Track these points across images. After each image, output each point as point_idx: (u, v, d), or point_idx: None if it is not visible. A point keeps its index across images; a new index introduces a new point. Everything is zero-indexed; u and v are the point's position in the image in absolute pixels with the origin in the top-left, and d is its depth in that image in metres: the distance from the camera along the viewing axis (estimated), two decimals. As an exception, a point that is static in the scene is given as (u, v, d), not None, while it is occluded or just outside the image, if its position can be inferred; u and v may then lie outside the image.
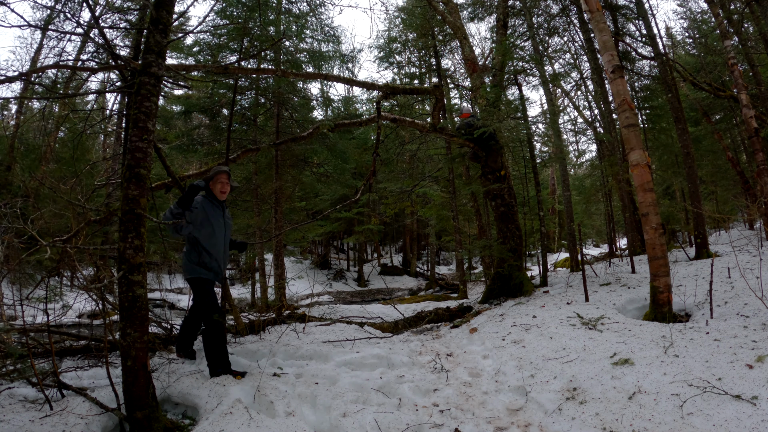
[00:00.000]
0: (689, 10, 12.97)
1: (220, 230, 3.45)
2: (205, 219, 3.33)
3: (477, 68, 7.47)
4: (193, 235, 3.33)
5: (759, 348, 2.80)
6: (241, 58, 5.99)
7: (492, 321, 5.22)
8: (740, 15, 7.92)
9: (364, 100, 14.10)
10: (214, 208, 3.42)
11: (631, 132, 4.43)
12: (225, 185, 3.46)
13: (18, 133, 9.93)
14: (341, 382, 3.22)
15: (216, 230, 3.41)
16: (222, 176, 3.45)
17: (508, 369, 3.45)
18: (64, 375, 3.16)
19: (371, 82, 6.44)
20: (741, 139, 12.52)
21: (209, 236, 3.38)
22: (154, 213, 3.99)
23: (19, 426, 2.31)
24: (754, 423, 2.07)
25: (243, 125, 8.45)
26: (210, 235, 3.39)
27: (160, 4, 2.58)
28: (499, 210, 6.89)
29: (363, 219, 16.46)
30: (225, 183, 3.46)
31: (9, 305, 5.18)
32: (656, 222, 4.24)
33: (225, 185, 3.46)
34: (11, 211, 3.48)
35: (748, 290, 4.09)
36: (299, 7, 7.25)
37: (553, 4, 9.98)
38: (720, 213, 11.97)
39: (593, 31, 6.37)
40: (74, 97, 8.15)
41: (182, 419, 2.82)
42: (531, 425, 2.58)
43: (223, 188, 3.45)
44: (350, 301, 12.86)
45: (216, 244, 3.43)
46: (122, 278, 2.36)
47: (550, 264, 12.56)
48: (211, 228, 3.38)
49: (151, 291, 10.60)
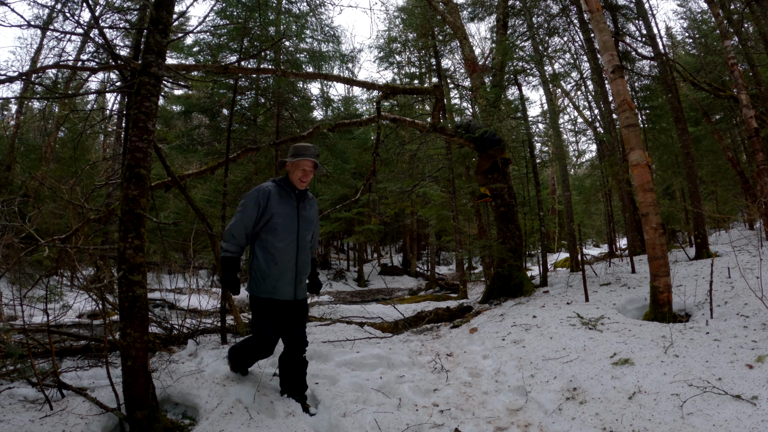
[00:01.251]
0: (689, 10, 12.97)
1: (290, 229, 2.67)
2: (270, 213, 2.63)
3: (477, 68, 7.47)
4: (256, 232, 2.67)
5: (759, 348, 2.80)
6: (241, 58, 6.00)
7: (492, 321, 5.22)
8: (740, 15, 7.92)
9: (364, 100, 14.12)
10: (285, 198, 2.70)
11: (631, 132, 4.43)
12: (308, 174, 2.72)
13: (18, 133, 9.92)
14: (341, 381, 3.22)
15: (283, 229, 2.65)
16: (306, 163, 2.69)
17: (508, 369, 3.45)
18: (64, 375, 3.16)
19: (371, 82, 6.44)
20: (741, 139, 12.51)
21: (271, 236, 2.64)
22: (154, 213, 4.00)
23: (19, 426, 2.31)
24: (754, 423, 2.07)
25: (243, 125, 8.46)
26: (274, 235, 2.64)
27: (160, 4, 2.58)
28: (499, 210, 6.89)
29: (363, 219, 16.46)
30: (308, 171, 2.72)
31: (9, 305, 5.18)
32: (656, 222, 4.24)
33: (308, 174, 2.72)
34: (9, 210, 3.48)
35: (748, 290, 4.09)
36: (299, 7, 7.26)
37: (553, 4, 9.98)
38: (720, 213, 11.97)
39: (593, 31, 6.38)
40: (74, 97, 8.15)
41: (182, 419, 2.82)
42: (531, 425, 2.58)
43: (304, 177, 2.71)
44: (350, 301, 12.85)
45: (283, 248, 2.65)
46: (122, 278, 2.36)
47: (550, 264, 12.55)
48: (277, 226, 2.63)
49: (151, 291, 10.59)
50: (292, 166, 2.72)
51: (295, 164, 2.70)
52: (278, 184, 2.75)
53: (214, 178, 8.64)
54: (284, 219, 2.65)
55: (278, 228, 2.64)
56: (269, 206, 2.63)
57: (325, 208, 13.51)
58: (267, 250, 2.64)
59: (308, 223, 2.76)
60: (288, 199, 2.71)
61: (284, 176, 2.79)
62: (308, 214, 2.78)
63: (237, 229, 2.61)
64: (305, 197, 2.80)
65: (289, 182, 2.75)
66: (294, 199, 2.73)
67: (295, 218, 2.70)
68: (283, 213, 2.66)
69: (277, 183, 2.75)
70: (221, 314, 4.62)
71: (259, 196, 2.63)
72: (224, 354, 3.74)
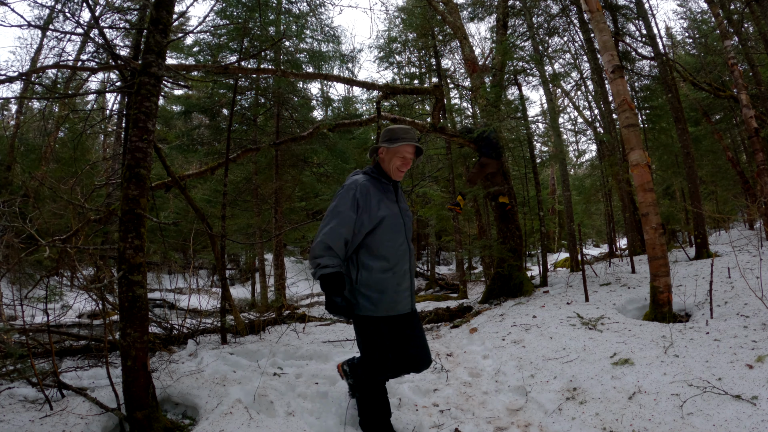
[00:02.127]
0: (689, 10, 12.98)
1: (398, 229, 2.25)
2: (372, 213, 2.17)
3: (477, 68, 7.47)
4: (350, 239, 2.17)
5: (759, 348, 2.80)
6: (241, 58, 6.00)
7: (492, 321, 5.22)
8: (740, 15, 7.92)
9: (364, 100, 14.11)
10: (384, 193, 2.28)
11: (631, 132, 4.43)
12: (408, 162, 2.30)
13: (18, 133, 9.93)
14: (341, 382, 3.22)
15: (392, 230, 2.21)
16: (407, 149, 2.28)
17: (508, 369, 3.45)
18: (64, 375, 3.17)
19: (371, 82, 6.45)
20: (741, 139, 12.52)
21: (379, 240, 2.18)
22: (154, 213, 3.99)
23: (19, 426, 2.31)
24: (754, 423, 2.07)
25: (243, 125, 8.47)
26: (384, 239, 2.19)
27: (160, 4, 2.58)
28: (499, 210, 6.89)
29: (363, 219, 16.41)
30: (409, 159, 2.30)
31: (9, 305, 5.18)
32: (656, 222, 4.24)
33: (408, 162, 2.30)
34: (10, 210, 3.48)
35: (748, 290, 4.09)
36: (299, 7, 7.26)
37: (553, 4, 9.98)
38: (720, 213, 11.97)
39: (593, 31, 6.38)
40: (74, 97, 8.15)
41: (182, 419, 2.82)
42: (531, 425, 2.58)
43: (404, 165, 2.30)
44: (350, 301, 12.81)
45: (397, 253, 2.22)
46: (122, 278, 2.36)
47: (550, 264, 12.55)
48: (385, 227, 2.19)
49: (151, 291, 10.60)
50: (389, 154, 2.29)
51: (392, 151, 2.28)
52: (371, 175, 2.29)
53: (214, 178, 8.64)
54: (389, 217, 2.21)
55: (387, 229, 2.19)
56: (369, 205, 2.17)
57: (325, 208, 13.52)
58: (379, 257, 2.17)
59: (409, 218, 2.36)
60: (387, 193, 2.29)
61: (375, 165, 2.34)
62: (406, 208, 2.38)
63: (333, 237, 2.08)
64: (399, 188, 2.40)
65: (383, 172, 2.31)
66: (392, 192, 2.32)
67: (398, 213, 2.27)
68: (388, 210, 2.22)
69: (369, 174, 2.29)
70: (221, 314, 4.63)
71: (356, 194, 2.15)
72: (224, 354, 3.74)
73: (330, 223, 2.11)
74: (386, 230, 2.18)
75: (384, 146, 2.30)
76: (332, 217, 2.12)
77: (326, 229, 2.10)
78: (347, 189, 2.18)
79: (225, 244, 5.23)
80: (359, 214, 2.14)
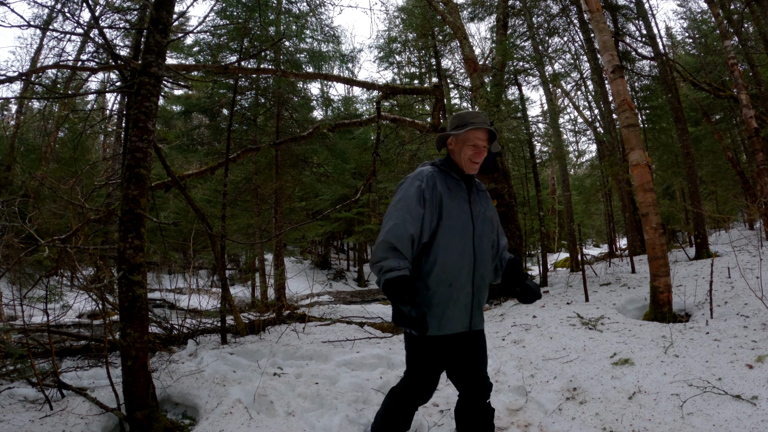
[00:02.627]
0: (689, 10, 12.98)
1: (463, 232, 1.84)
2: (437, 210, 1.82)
3: (477, 68, 7.47)
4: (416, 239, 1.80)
5: (759, 348, 2.80)
6: (241, 58, 6.00)
7: (492, 321, 5.22)
8: (740, 15, 7.92)
9: (364, 100, 14.12)
10: (453, 188, 1.89)
11: (631, 132, 4.43)
12: (481, 151, 1.89)
13: (18, 133, 9.93)
14: (341, 382, 3.22)
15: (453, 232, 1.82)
16: (478, 135, 1.87)
17: (508, 369, 3.45)
18: (64, 375, 3.16)
19: (371, 82, 6.45)
20: (741, 139, 12.52)
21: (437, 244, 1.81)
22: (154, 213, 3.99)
23: (19, 426, 2.31)
24: (754, 423, 2.07)
25: (243, 125, 8.46)
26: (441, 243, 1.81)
27: (160, 4, 2.59)
28: (498, 210, 6.89)
29: (363, 219, 16.46)
30: (482, 148, 1.88)
31: (9, 305, 5.18)
32: (656, 222, 4.24)
33: (481, 151, 1.89)
34: (9, 210, 3.48)
35: (748, 290, 4.09)
36: (299, 7, 7.26)
37: (553, 4, 9.99)
38: (720, 213, 11.97)
39: (593, 31, 6.38)
40: (74, 97, 8.15)
41: (182, 419, 2.82)
42: (531, 425, 2.58)
43: (476, 155, 1.88)
44: (350, 301, 12.85)
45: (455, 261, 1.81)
46: (122, 278, 2.36)
47: (550, 264, 12.55)
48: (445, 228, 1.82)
49: (151, 291, 10.60)
50: (458, 143, 1.91)
51: (461, 138, 1.90)
52: (440, 167, 1.93)
53: (214, 178, 8.64)
54: (455, 218, 1.83)
55: (449, 233, 1.81)
56: (434, 200, 1.82)
57: (325, 208, 13.53)
58: (434, 265, 1.79)
59: (485, 223, 1.94)
60: (457, 190, 1.90)
61: (445, 157, 1.99)
62: (484, 210, 1.96)
63: (397, 235, 1.72)
64: (475, 186, 1.99)
65: (453, 165, 1.94)
66: (464, 190, 1.92)
67: (468, 215, 1.87)
68: (453, 209, 1.85)
69: (438, 167, 1.94)
70: (221, 314, 4.62)
71: (422, 185, 1.82)
72: (224, 354, 3.74)
73: (393, 219, 1.78)
74: (448, 234, 1.81)
75: (453, 133, 1.91)
76: (395, 213, 1.79)
77: (389, 227, 1.76)
78: (412, 180, 1.85)
79: (225, 244, 5.23)
80: (426, 209, 1.80)
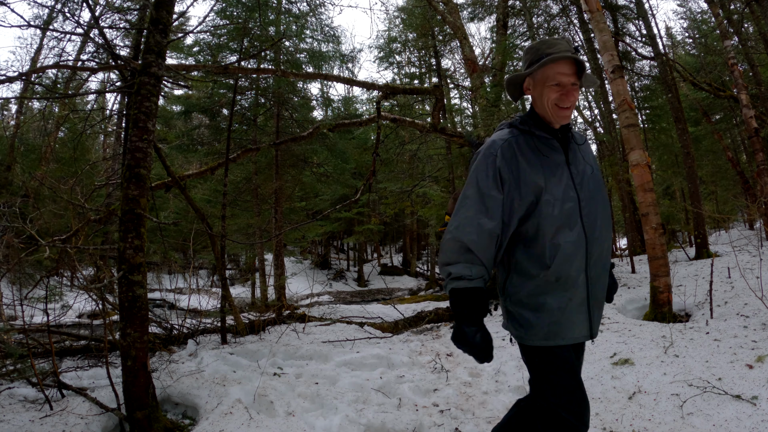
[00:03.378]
0: (689, 10, 13.00)
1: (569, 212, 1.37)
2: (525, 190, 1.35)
3: (477, 68, 7.47)
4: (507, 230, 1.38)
5: (759, 348, 2.80)
6: (241, 58, 6.00)
7: (492, 321, 5.22)
8: (740, 15, 7.92)
9: (364, 100, 14.12)
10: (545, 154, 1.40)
11: (631, 132, 4.43)
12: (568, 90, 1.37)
13: (18, 133, 9.93)
14: (341, 382, 3.22)
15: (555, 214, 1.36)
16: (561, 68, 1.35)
17: (508, 369, 3.44)
18: (64, 375, 3.16)
19: (371, 82, 6.45)
20: (741, 139, 12.53)
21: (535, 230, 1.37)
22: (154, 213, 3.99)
23: (19, 426, 2.31)
24: (754, 423, 2.07)
25: (243, 125, 8.47)
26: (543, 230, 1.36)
27: (160, 4, 2.59)
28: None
29: (363, 219, 16.46)
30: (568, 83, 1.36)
31: (9, 305, 5.18)
32: (656, 222, 4.24)
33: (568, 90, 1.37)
34: (10, 210, 3.48)
35: (748, 290, 4.09)
36: (299, 7, 7.27)
37: (553, 4, 9.99)
38: (720, 213, 11.97)
39: (593, 31, 6.38)
40: (74, 97, 8.15)
41: (182, 419, 2.82)
42: (531, 425, 2.58)
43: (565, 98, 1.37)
44: (350, 301, 12.85)
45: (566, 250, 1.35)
46: (122, 278, 2.36)
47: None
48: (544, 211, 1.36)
49: (151, 291, 10.59)
50: (536, 86, 1.40)
51: (540, 79, 1.38)
52: (521, 129, 1.42)
53: (214, 178, 8.64)
54: (551, 192, 1.34)
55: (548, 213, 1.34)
56: (521, 177, 1.34)
57: (325, 208, 13.52)
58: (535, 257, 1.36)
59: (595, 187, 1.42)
60: (548, 152, 1.39)
61: (527, 113, 1.46)
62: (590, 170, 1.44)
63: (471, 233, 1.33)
64: (573, 139, 1.46)
65: (537, 119, 1.43)
66: (558, 150, 1.41)
67: (569, 184, 1.37)
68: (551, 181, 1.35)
69: (517, 127, 1.43)
70: (221, 314, 4.63)
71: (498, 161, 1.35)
72: (224, 354, 3.74)
73: (465, 210, 1.35)
74: (547, 214, 1.34)
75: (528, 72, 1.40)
76: (468, 202, 1.36)
77: (460, 219, 1.35)
78: (484, 156, 1.38)
79: (225, 244, 5.23)
80: (506, 192, 1.34)
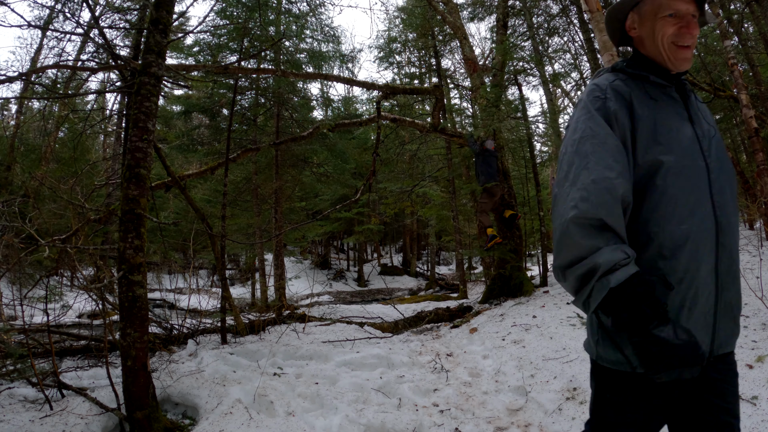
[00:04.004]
0: (689, 10, 12.97)
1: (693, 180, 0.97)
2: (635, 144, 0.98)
3: (477, 68, 7.47)
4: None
5: (759, 348, 2.80)
6: (241, 58, 6.01)
7: (492, 321, 5.22)
8: (740, 15, 7.93)
9: (364, 100, 14.10)
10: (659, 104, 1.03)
11: (631, 132, 4.42)
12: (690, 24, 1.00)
13: (18, 133, 9.93)
14: (341, 382, 3.22)
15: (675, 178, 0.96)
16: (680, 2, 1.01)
17: (508, 369, 3.45)
18: (64, 375, 3.16)
19: (371, 82, 6.45)
20: (741, 139, 12.51)
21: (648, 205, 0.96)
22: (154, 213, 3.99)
23: (19, 426, 2.31)
24: (754, 423, 2.07)
25: (243, 125, 8.47)
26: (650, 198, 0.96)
27: (160, 4, 2.59)
28: (499, 210, 6.89)
29: (363, 219, 16.46)
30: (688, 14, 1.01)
31: (9, 305, 5.18)
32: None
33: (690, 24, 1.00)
34: (10, 210, 3.48)
35: (748, 290, 4.08)
36: (299, 7, 7.27)
37: (553, 4, 9.98)
38: (720, 213, 11.94)
39: (593, 31, 6.38)
40: (74, 97, 8.15)
41: (182, 419, 2.82)
42: (531, 425, 2.58)
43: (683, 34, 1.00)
44: (350, 301, 12.85)
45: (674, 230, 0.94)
46: (122, 278, 2.36)
47: (550, 264, 12.55)
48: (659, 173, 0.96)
49: (151, 291, 10.60)
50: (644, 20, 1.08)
51: (650, 8, 1.06)
52: (627, 71, 1.09)
53: (214, 178, 8.64)
54: (673, 154, 0.99)
55: (670, 182, 0.98)
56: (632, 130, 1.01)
57: (325, 208, 13.53)
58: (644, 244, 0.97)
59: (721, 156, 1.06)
60: (667, 103, 1.06)
61: (632, 56, 1.12)
62: (711, 133, 1.08)
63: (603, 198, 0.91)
64: (690, 91, 1.14)
65: (648, 62, 1.09)
66: (678, 101, 1.07)
67: (695, 147, 1.02)
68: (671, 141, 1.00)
69: (623, 71, 1.09)
70: (221, 314, 4.63)
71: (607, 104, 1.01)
72: (224, 354, 3.74)
73: (584, 174, 0.95)
74: (668, 184, 0.97)
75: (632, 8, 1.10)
76: (586, 158, 0.96)
77: (580, 190, 0.93)
78: (590, 99, 1.03)
79: (225, 244, 5.23)
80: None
